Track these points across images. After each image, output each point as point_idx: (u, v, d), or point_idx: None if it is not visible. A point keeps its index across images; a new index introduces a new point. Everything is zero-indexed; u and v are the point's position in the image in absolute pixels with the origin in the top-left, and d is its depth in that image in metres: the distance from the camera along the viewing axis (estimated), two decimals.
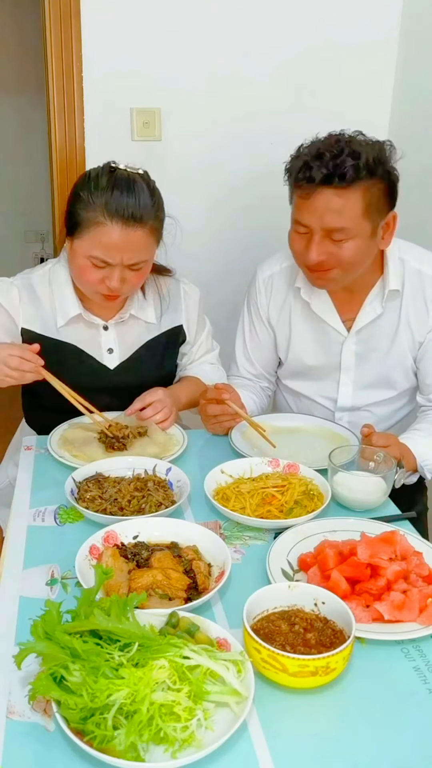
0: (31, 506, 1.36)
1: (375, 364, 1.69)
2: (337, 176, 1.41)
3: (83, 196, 1.48)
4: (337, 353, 1.71)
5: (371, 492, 1.35)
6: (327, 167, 1.41)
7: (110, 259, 1.48)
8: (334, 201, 1.43)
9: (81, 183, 1.52)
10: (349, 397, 1.75)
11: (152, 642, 0.88)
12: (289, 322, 1.74)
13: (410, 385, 1.73)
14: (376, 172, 1.43)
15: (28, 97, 4.23)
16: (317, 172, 1.41)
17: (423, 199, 2.18)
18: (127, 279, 1.52)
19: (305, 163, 1.44)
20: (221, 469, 1.43)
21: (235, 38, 2.21)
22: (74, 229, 1.50)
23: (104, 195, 1.45)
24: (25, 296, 1.63)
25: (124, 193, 1.46)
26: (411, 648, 1.02)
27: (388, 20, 2.29)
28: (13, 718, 0.89)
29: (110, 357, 1.69)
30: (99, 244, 1.47)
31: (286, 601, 1.02)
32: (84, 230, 1.48)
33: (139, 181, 1.49)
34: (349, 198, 1.43)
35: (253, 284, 1.78)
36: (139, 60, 2.16)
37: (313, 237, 1.48)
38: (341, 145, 1.43)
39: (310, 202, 1.45)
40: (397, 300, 1.63)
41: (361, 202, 1.44)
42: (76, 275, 1.58)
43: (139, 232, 1.47)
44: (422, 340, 1.64)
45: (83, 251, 1.49)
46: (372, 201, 1.45)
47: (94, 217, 1.46)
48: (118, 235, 1.46)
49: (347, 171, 1.40)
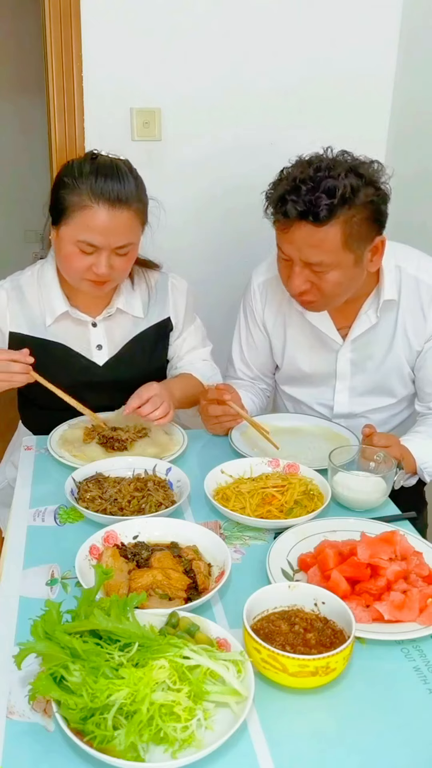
0: (31, 506, 1.36)
1: (371, 372, 1.68)
2: (311, 214, 1.37)
3: (68, 182, 1.50)
4: (332, 361, 1.70)
5: (371, 492, 1.35)
6: (303, 203, 1.37)
7: (98, 242, 1.48)
8: (311, 236, 1.40)
9: (64, 170, 1.54)
10: (345, 405, 1.74)
11: (152, 642, 0.88)
12: (284, 328, 1.73)
13: (407, 393, 1.72)
14: (355, 202, 1.38)
15: (28, 98, 4.23)
16: (291, 208, 1.38)
17: (423, 202, 2.18)
18: (114, 265, 1.53)
19: (282, 195, 1.40)
20: (221, 469, 1.43)
21: (235, 38, 2.21)
22: (60, 216, 1.51)
23: (89, 179, 1.47)
24: (14, 298, 1.65)
25: (109, 177, 1.48)
26: (411, 648, 1.02)
27: (387, 26, 2.28)
28: (13, 718, 0.89)
29: (99, 353, 1.70)
30: (86, 227, 1.48)
31: (286, 601, 1.02)
32: (70, 215, 1.49)
33: (121, 165, 1.52)
34: (327, 232, 1.39)
35: (249, 288, 1.77)
36: (139, 60, 2.16)
37: (293, 267, 1.47)
38: (319, 177, 1.37)
39: (288, 236, 1.43)
40: (393, 309, 1.60)
41: (340, 235, 1.39)
42: (63, 264, 1.58)
43: (125, 213, 1.49)
44: (420, 349, 1.63)
45: (70, 237, 1.50)
46: (352, 232, 1.40)
47: (80, 201, 1.47)
48: (104, 217, 1.47)
49: (321, 210, 1.36)
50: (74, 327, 1.67)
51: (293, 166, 1.46)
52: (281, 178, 1.45)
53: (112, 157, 1.54)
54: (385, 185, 1.45)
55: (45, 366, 1.55)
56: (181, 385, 1.73)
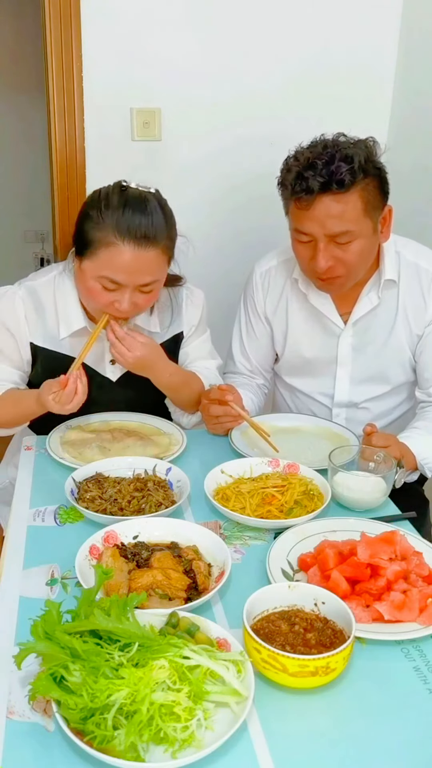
0: (31, 506, 1.36)
1: (371, 357, 1.70)
2: (335, 183, 1.41)
3: (93, 216, 1.43)
4: (333, 346, 1.71)
5: (371, 492, 1.35)
6: (322, 175, 1.41)
7: (121, 280, 1.43)
8: (334, 207, 1.43)
9: (90, 202, 1.47)
10: (345, 392, 1.75)
11: (152, 642, 0.88)
12: (286, 314, 1.74)
13: (407, 380, 1.73)
14: (368, 171, 1.44)
15: (28, 97, 4.23)
16: (314, 182, 1.41)
17: (422, 198, 2.18)
18: (137, 302, 1.47)
19: (298, 174, 1.43)
20: (221, 469, 1.43)
21: (235, 38, 2.21)
22: (84, 250, 1.46)
23: (115, 214, 1.41)
24: (30, 307, 1.59)
25: (137, 213, 1.41)
26: (411, 648, 1.02)
27: (387, 22, 2.29)
28: (13, 718, 0.89)
29: (112, 369, 1.67)
30: (110, 265, 1.42)
31: (286, 601, 1.02)
32: (94, 251, 1.43)
33: (151, 199, 1.45)
34: (348, 201, 1.44)
35: (250, 281, 1.78)
36: (139, 60, 2.16)
37: (317, 245, 1.48)
38: (330, 151, 1.43)
39: (310, 212, 1.45)
40: (393, 291, 1.63)
41: (361, 202, 1.45)
42: (84, 296, 1.54)
43: (152, 252, 1.43)
44: (421, 334, 1.65)
45: (93, 272, 1.45)
46: (369, 199, 1.46)
47: (105, 237, 1.41)
48: (129, 255, 1.41)
49: (344, 177, 1.40)
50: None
51: (297, 152, 1.49)
52: (290, 163, 1.48)
53: (141, 190, 1.46)
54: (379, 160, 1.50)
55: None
56: (182, 372, 1.68)
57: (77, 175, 2.24)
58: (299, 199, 1.45)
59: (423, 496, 1.87)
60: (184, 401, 1.70)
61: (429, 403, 1.68)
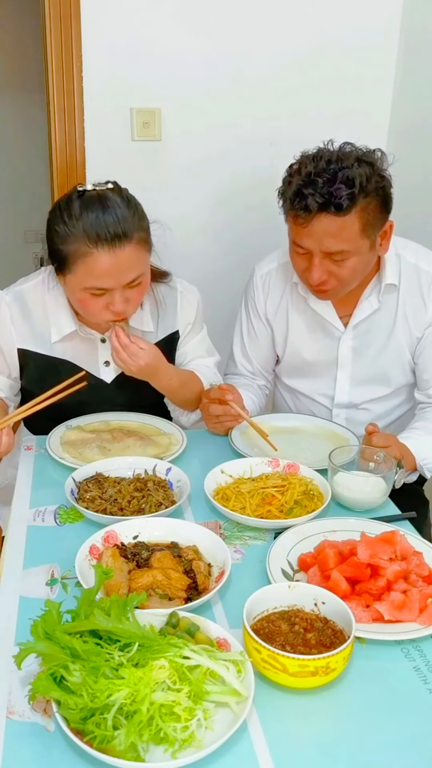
0: (31, 506, 1.36)
1: (371, 359, 1.70)
2: (333, 205, 1.39)
3: (59, 231, 1.41)
4: (333, 349, 1.71)
5: (371, 492, 1.35)
6: (322, 195, 1.39)
7: (107, 285, 1.42)
8: (331, 226, 1.42)
9: (53, 217, 1.45)
10: (345, 394, 1.75)
11: (152, 642, 0.88)
12: (287, 317, 1.74)
13: (407, 382, 1.73)
14: (369, 191, 1.42)
15: (29, 97, 4.23)
16: (312, 202, 1.40)
17: (424, 201, 2.18)
18: (129, 298, 1.47)
19: (298, 189, 1.42)
20: (221, 469, 1.42)
21: (235, 38, 2.21)
22: (62, 266, 1.44)
23: (80, 222, 1.38)
24: (17, 312, 1.58)
25: (100, 213, 1.39)
26: (411, 648, 1.02)
27: (388, 22, 2.28)
28: (13, 718, 0.89)
29: (107, 370, 1.66)
30: (91, 274, 1.41)
31: (286, 601, 1.02)
32: (71, 265, 1.42)
33: (110, 196, 1.42)
34: (346, 221, 1.42)
35: (251, 282, 1.78)
36: (139, 60, 2.16)
37: (313, 259, 1.48)
38: (333, 168, 1.40)
39: (307, 229, 1.45)
40: (393, 295, 1.63)
41: (359, 223, 1.43)
42: (78, 308, 1.53)
43: (128, 248, 1.41)
44: (420, 336, 1.65)
45: (77, 285, 1.44)
46: (368, 219, 1.45)
47: (78, 248, 1.39)
48: (107, 259, 1.39)
49: (343, 201, 1.39)
50: (81, 344, 1.63)
51: (301, 161, 1.47)
52: (292, 174, 1.47)
53: (98, 190, 1.42)
54: (387, 172, 1.48)
55: (51, 383, 1.53)
56: (180, 372, 1.68)
57: (77, 175, 2.24)
58: (297, 215, 1.45)
59: (423, 497, 1.87)
60: (183, 401, 1.70)
61: (428, 404, 1.68)
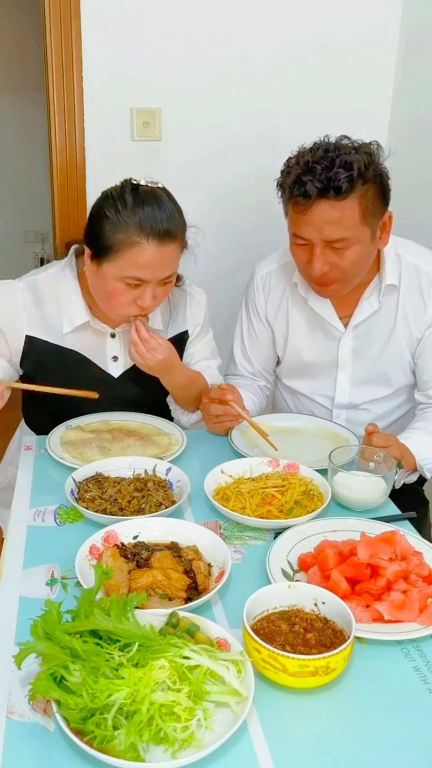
0: (31, 506, 1.36)
1: (371, 360, 1.70)
2: (332, 189, 1.40)
3: (111, 217, 1.43)
4: (334, 349, 1.71)
5: (371, 492, 1.35)
6: (320, 180, 1.40)
7: (146, 277, 1.44)
8: (331, 213, 1.43)
9: (104, 203, 1.46)
10: (345, 395, 1.75)
11: (152, 642, 0.88)
12: (287, 318, 1.74)
13: (407, 382, 1.73)
14: (368, 177, 1.43)
15: (29, 97, 4.23)
16: (311, 187, 1.40)
17: (423, 199, 2.18)
18: (157, 295, 1.49)
19: (297, 177, 1.43)
20: (221, 469, 1.42)
21: (235, 38, 2.21)
22: (104, 253, 1.45)
23: (135, 213, 1.41)
24: (30, 300, 1.59)
25: (155, 209, 1.42)
26: (411, 648, 1.02)
27: (388, 21, 2.29)
28: (13, 718, 0.89)
29: (115, 365, 1.67)
30: (134, 264, 1.43)
31: (286, 601, 1.02)
32: (116, 253, 1.43)
33: (162, 195, 1.47)
34: (345, 208, 1.42)
35: (251, 283, 1.78)
36: (139, 60, 2.16)
37: (314, 249, 1.48)
38: (331, 156, 1.42)
39: (307, 217, 1.45)
40: (394, 295, 1.63)
41: (358, 209, 1.44)
42: (103, 298, 1.53)
43: (172, 246, 1.45)
44: (420, 336, 1.64)
45: (116, 273, 1.45)
46: (368, 206, 1.45)
47: (127, 237, 1.41)
48: (153, 252, 1.42)
49: (342, 184, 1.39)
50: (92, 336, 1.63)
51: (299, 154, 1.48)
52: (290, 165, 1.48)
53: (153, 187, 1.47)
54: (383, 165, 1.49)
55: (59, 374, 1.54)
56: (189, 371, 1.69)
57: (77, 175, 2.24)
58: (297, 203, 1.45)
59: (423, 497, 1.87)
60: (187, 400, 1.71)
61: (428, 405, 1.68)
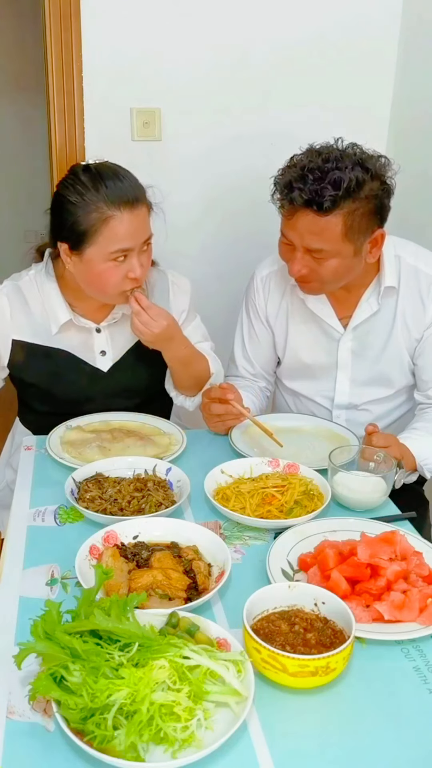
0: (30, 506, 1.36)
1: (371, 361, 1.70)
2: (315, 204, 1.41)
3: (77, 202, 1.46)
4: (333, 351, 1.71)
5: (371, 492, 1.35)
6: (308, 192, 1.41)
7: (130, 245, 1.47)
8: (313, 224, 1.44)
9: (64, 194, 1.49)
10: (345, 395, 1.75)
11: (152, 642, 0.88)
12: (287, 319, 1.74)
13: (407, 383, 1.73)
14: (359, 195, 1.42)
15: (28, 97, 4.22)
16: (298, 196, 1.42)
17: (423, 198, 2.18)
18: (143, 263, 1.52)
19: (289, 182, 1.44)
20: (221, 469, 1.42)
21: (235, 38, 2.20)
22: (82, 239, 1.47)
23: (99, 191, 1.45)
24: (16, 304, 1.61)
25: (116, 181, 1.47)
26: (411, 648, 1.02)
27: (388, 18, 2.28)
28: (13, 718, 0.89)
29: (103, 359, 1.68)
30: (115, 237, 1.46)
31: (286, 601, 1.02)
32: (95, 233, 1.45)
33: (115, 166, 1.52)
34: (328, 222, 1.43)
35: (251, 284, 1.78)
36: (139, 60, 2.16)
37: (295, 252, 1.50)
38: (327, 167, 1.42)
39: (292, 222, 1.47)
40: (393, 297, 1.63)
41: (341, 226, 1.44)
42: (97, 285, 1.53)
43: (143, 210, 1.49)
44: (419, 337, 1.64)
45: (101, 253, 1.47)
46: (353, 224, 1.45)
47: (99, 216, 1.44)
48: (129, 220, 1.46)
49: (325, 201, 1.40)
50: (78, 334, 1.65)
51: (303, 154, 1.49)
52: (290, 165, 1.49)
53: (103, 163, 1.52)
54: (390, 180, 1.49)
55: (50, 374, 1.55)
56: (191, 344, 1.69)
57: None
58: (284, 206, 1.48)
59: (423, 497, 1.87)
60: (190, 378, 1.71)
61: (428, 405, 1.68)
